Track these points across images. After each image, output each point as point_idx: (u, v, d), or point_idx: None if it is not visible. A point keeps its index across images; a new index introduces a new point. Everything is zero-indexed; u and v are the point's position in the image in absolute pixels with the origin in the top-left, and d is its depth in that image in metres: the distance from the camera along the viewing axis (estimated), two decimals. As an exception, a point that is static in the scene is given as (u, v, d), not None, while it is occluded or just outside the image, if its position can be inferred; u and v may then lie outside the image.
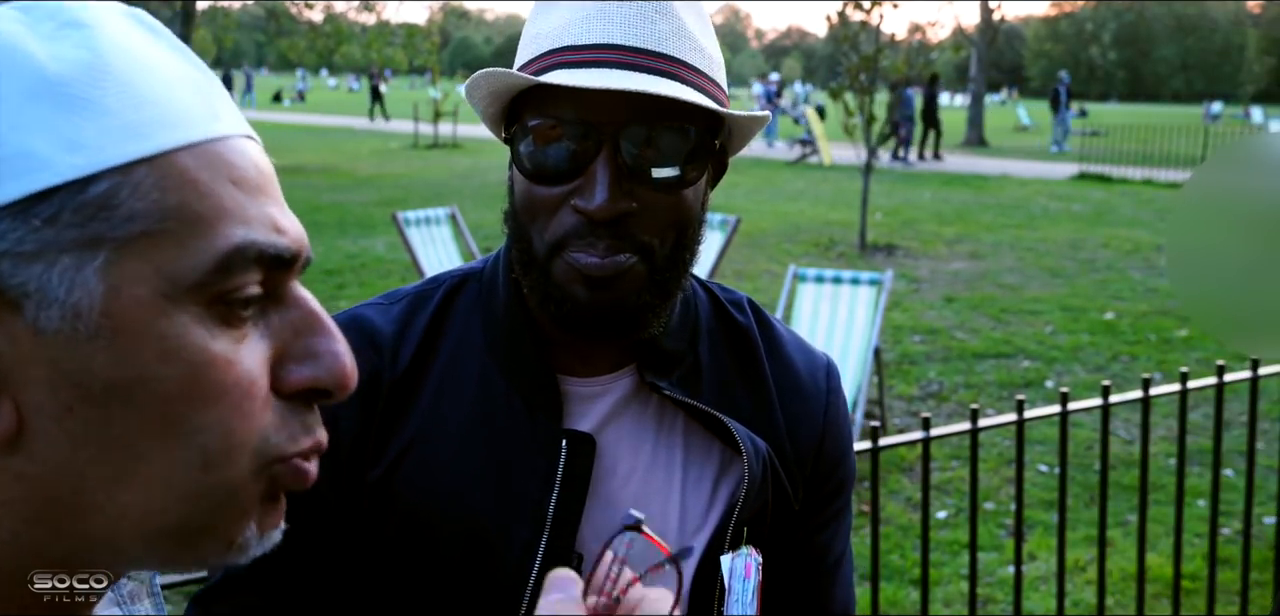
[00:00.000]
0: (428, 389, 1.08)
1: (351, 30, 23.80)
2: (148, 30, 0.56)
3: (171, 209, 0.51)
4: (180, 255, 0.51)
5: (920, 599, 2.79)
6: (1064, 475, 2.92)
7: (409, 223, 8.10)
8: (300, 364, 0.56)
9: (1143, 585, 3.16)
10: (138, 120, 0.51)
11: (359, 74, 61.40)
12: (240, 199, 0.53)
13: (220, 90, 0.57)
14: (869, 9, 11.35)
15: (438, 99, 25.73)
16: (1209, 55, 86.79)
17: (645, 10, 0.98)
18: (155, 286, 0.50)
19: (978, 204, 15.80)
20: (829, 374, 1.19)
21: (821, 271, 6.27)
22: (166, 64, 0.54)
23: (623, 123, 0.96)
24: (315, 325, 0.56)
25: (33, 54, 0.50)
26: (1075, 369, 7.29)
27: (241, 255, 0.52)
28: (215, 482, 0.52)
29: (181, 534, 0.53)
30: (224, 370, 0.52)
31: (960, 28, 26.50)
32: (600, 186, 0.96)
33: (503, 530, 1.05)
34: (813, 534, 1.18)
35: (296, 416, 0.56)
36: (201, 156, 0.52)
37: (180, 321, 0.51)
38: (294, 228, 0.56)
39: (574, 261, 0.98)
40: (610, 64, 0.96)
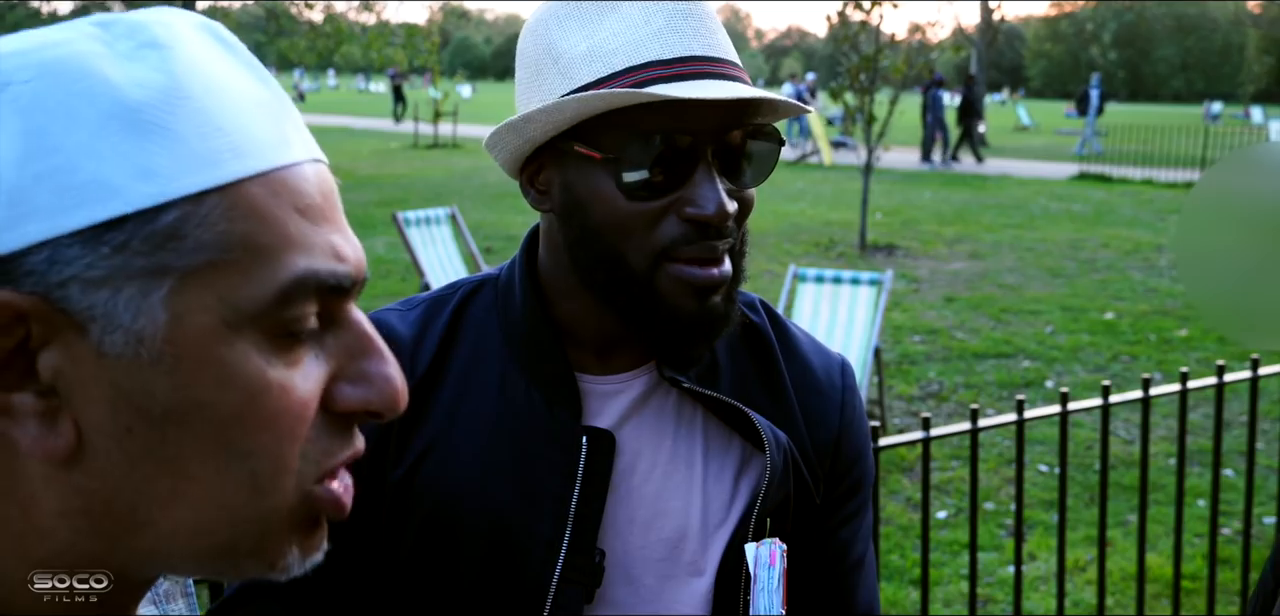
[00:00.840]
0: (447, 390, 1.08)
1: (351, 30, 23.79)
2: (223, 47, 0.56)
3: (238, 239, 0.51)
4: (244, 285, 0.51)
5: (920, 599, 2.79)
6: (1064, 475, 2.92)
7: (409, 223, 8.10)
8: (354, 385, 0.56)
9: (1143, 585, 3.16)
10: (210, 149, 0.51)
11: (367, 74, 61.24)
12: (304, 227, 0.54)
13: (291, 112, 0.57)
14: (869, 9, 11.35)
15: (438, 99, 25.73)
16: (1209, 55, 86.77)
17: (703, 17, 1.01)
18: (218, 314, 0.51)
19: (978, 204, 15.80)
20: (844, 372, 1.21)
21: (821, 271, 6.27)
22: (240, 86, 0.54)
23: (718, 128, 0.98)
24: (369, 348, 0.57)
25: (110, 77, 0.50)
26: (1075, 369, 7.30)
27: (303, 286, 0.53)
28: (264, 506, 0.54)
29: (228, 552, 0.54)
30: (280, 396, 0.53)
31: (960, 28, 26.49)
32: (713, 190, 0.97)
33: (525, 528, 1.06)
34: (833, 532, 1.18)
35: (336, 432, 0.57)
36: (269, 185, 0.53)
37: (240, 349, 0.52)
38: (354, 253, 0.57)
39: (682, 273, 0.99)
40: (702, 74, 0.98)
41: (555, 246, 1.07)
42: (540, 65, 1.02)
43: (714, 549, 1.10)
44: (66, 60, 0.50)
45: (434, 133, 25.41)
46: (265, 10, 24.08)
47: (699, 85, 0.96)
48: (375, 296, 8.90)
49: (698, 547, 1.10)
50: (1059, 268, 10.90)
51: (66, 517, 0.52)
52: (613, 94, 0.94)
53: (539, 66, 1.02)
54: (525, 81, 1.04)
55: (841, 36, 11.55)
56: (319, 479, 0.56)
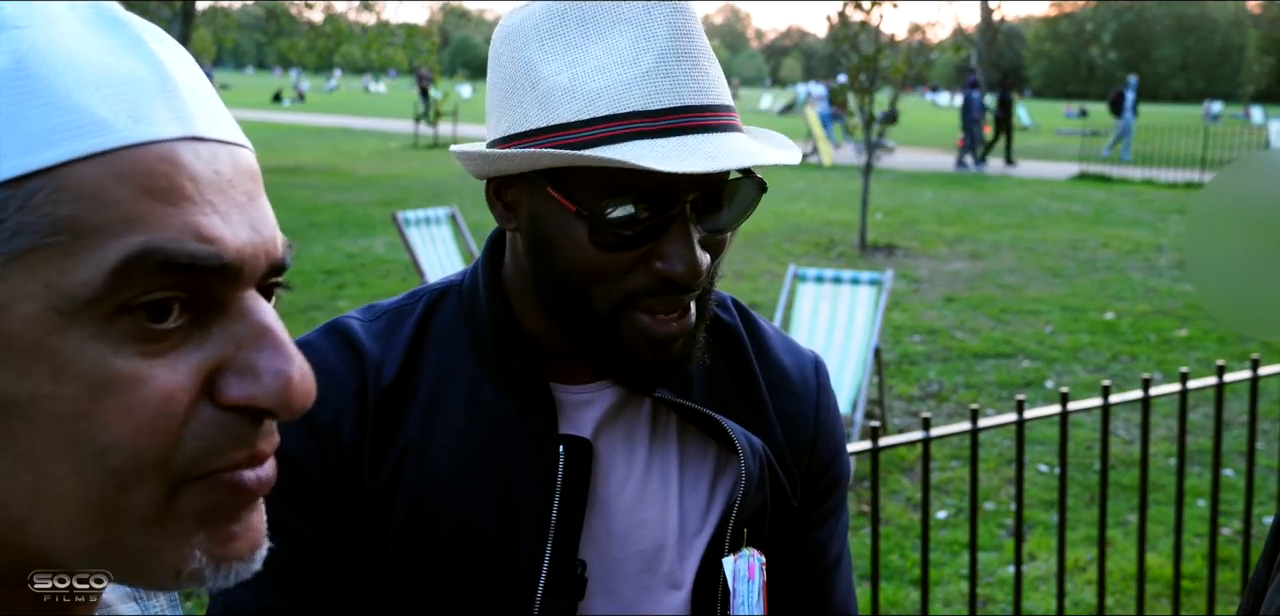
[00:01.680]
0: (418, 402, 1.06)
1: (351, 30, 23.77)
2: (103, 25, 0.53)
3: (63, 221, 0.48)
4: (70, 269, 0.48)
5: (920, 599, 2.79)
6: (1064, 475, 2.92)
7: (409, 223, 8.10)
8: (240, 378, 0.53)
9: (1143, 585, 3.16)
10: (43, 129, 0.48)
11: (375, 75, 61.02)
12: (152, 208, 0.50)
13: (172, 90, 0.53)
14: (869, 9, 11.35)
15: (438, 99, 25.73)
16: (1209, 55, 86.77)
17: (696, 57, 0.96)
18: (45, 301, 0.48)
19: (978, 204, 15.80)
20: (818, 370, 1.19)
21: (821, 271, 6.26)
22: (101, 63, 0.51)
23: (697, 184, 0.95)
24: (262, 340, 0.53)
25: None
26: (1075, 369, 7.29)
27: (139, 264, 0.49)
28: (131, 501, 0.51)
29: (114, 552, 0.52)
30: (128, 388, 0.49)
31: (960, 28, 26.48)
32: (685, 249, 0.95)
33: (506, 540, 1.04)
34: (810, 532, 1.17)
35: (231, 430, 0.53)
36: (111, 165, 0.49)
37: (74, 339, 0.49)
38: (240, 236, 0.53)
39: (643, 324, 0.97)
40: (689, 129, 0.94)
41: (520, 264, 1.05)
42: (516, 83, 0.98)
43: (691, 560, 1.09)
44: None
45: (434, 133, 25.41)
46: (265, 10, 24.07)
47: (684, 146, 0.92)
48: (375, 296, 8.90)
49: (675, 559, 1.09)
50: (1059, 268, 10.90)
51: None
52: (590, 156, 0.91)
53: (515, 83, 0.98)
54: (499, 92, 1.00)
55: (841, 36, 11.55)
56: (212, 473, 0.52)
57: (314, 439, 1.03)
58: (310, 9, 23.54)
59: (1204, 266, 0.99)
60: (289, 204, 13.90)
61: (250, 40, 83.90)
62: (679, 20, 0.96)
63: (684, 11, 0.97)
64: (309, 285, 9.27)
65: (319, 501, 1.03)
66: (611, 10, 0.96)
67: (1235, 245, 0.93)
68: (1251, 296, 0.93)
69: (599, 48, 0.95)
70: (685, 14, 0.97)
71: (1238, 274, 0.93)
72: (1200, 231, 0.97)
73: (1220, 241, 0.94)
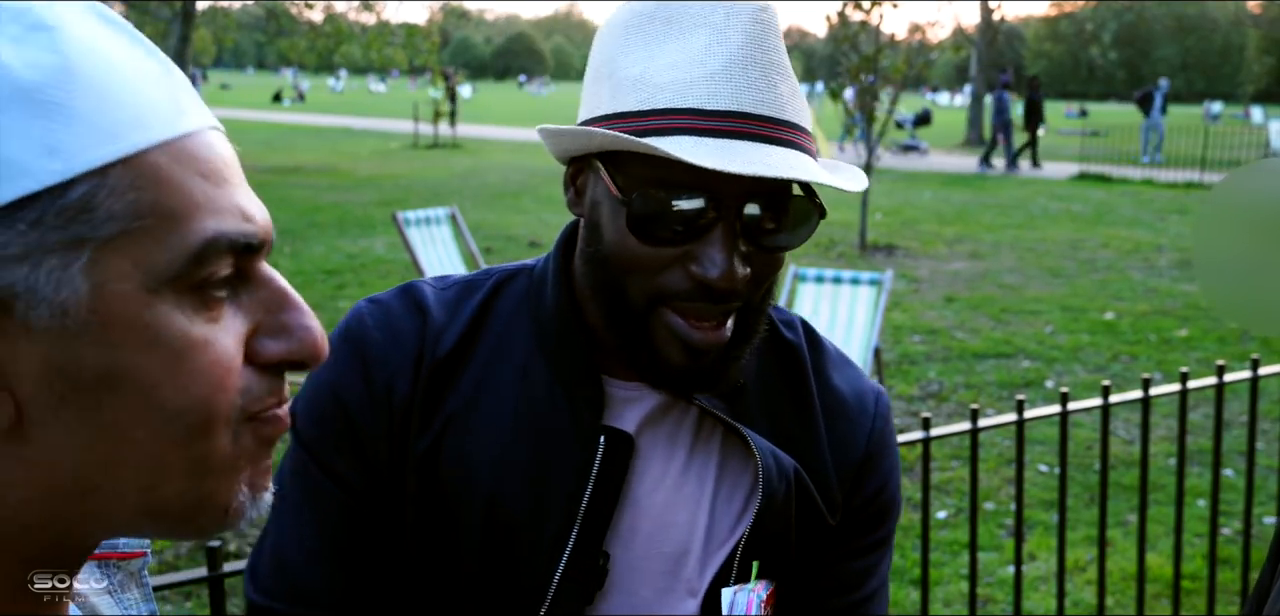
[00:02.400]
0: (470, 373, 1.08)
1: (351, 30, 23.77)
2: (111, 26, 0.57)
3: (147, 206, 0.53)
4: (158, 250, 0.53)
5: (920, 599, 2.79)
6: (1064, 475, 2.92)
7: (409, 223, 8.10)
8: (275, 338, 0.59)
9: (1143, 585, 3.16)
10: (110, 123, 0.52)
11: (378, 75, 60.88)
12: (210, 191, 0.55)
13: (183, 83, 0.58)
14: (869, 9, 11.35)
15: (438, 99, 25.72)
16: (1209, 55, 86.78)
17: (766, 68, 0.96)
18: (137, 281, 0.53)
19: (978, 204, 15.80)
20: (878, 401, 1.18)
21: (821, 271, 6.26)
22: (132, 61, 0.56)
23: (747, 193, 0.95)
24: (286, 302, 0.60)
25: (4, 60, 0.51)
26: (1075, 369, 7.30)
27: (214, 246, 0.55)
28: (199, 454, 0.56)
29: (179, 506, 0.57)
30: (203, 351, 0.55)
31: (960, 28, 26.48)
32: (723, 255, 0.94)
33: (534, 521, 1.05)
34: (847, 560, 1.15)
35: (267, 381, 0.59)
36: (171, 153, 0.54)
37: (161, 311, 0.53)
38: (260, 213, 0.59)
39: (675, 326, 0.98)
40: (742, 135, 0.94)
41: (583, 253, 1.07)
42: (598, 72, 1.02)
43: (711, 570, 1.09)
44: None
45: (434, 133, 25.41)
46: (265, 10, 24.07)
47: (728, 148, 0.93)
48: (375, 296, 8.90)
49: (696, 567, 1.09)
50: (1059, 268, 10.90)
51: (13, 488, 0.53)
52: (632, 141, 0.93)
53: (598, 72, 1.02)
54: (588, 80, 1.04)
55: (841, 36, 11.55)
56: (257, 413, 0.58)
57: (370, 394, 1.05)
58: (310, 9, 23.53)
59: (1210, 266, 0.98)
60: (289, 204, 13.90)
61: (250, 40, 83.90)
62: (756, 30, 0.96)
63: (764, 24, 0.97)
64: (309, 285, 9.26)
65: (369, 454, 1.06)
66: (698, 13, 0.98)
67: (1241, 244, 0.93)
68: (1257, 293, 0.94)
69: (676, 47, 0.97)
70: (765, 26, 0.97)
71: (1243, 272, 0.93)
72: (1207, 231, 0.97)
73: (1227, 241, 0.95)
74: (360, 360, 1.06)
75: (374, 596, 1.07)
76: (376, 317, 1.08)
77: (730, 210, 0.95)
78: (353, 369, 1.06)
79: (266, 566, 1.07)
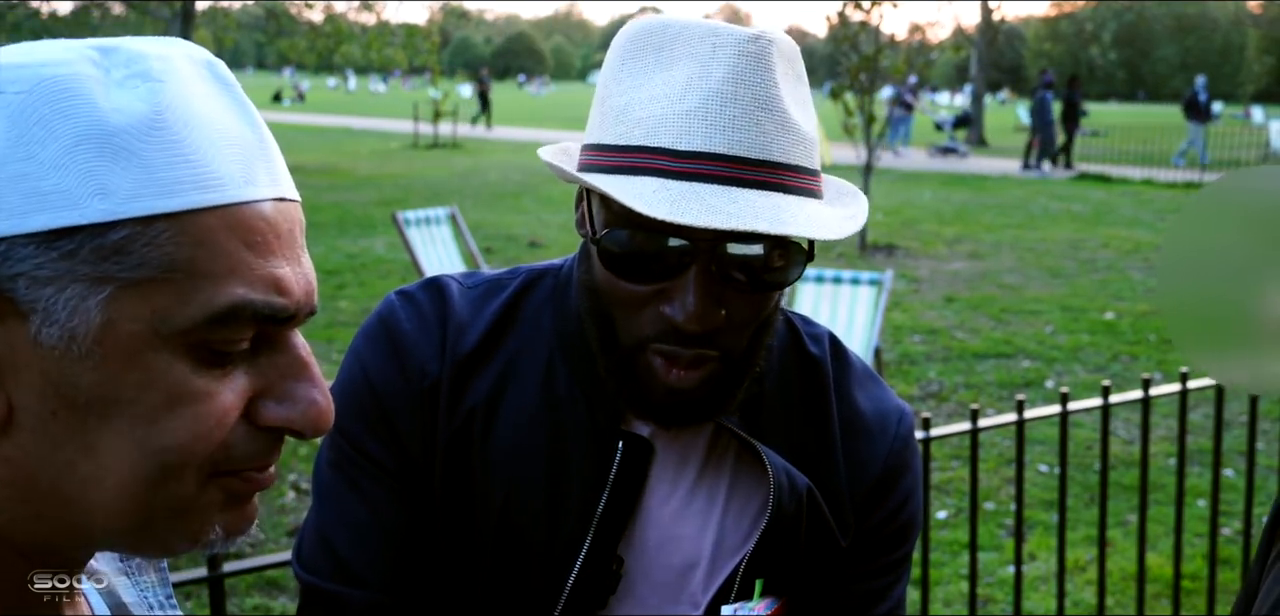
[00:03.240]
0: (493, 369, 1.08)
1: (351, 30, 23.75)
2: (218, 85, 0.59)
3: (181, 262, 0.56)
4: (177, 304, 0.56)
5: (920, 599, 2.79)
6: (1064, 475, 2.92)
7: (409, 223, 8.10)
8: (280, 404, 0.61)
9: (1143, 585, 3.16)
10: (172, 178, 0.55)
11: (381, 76, 60.78)
12: (249, 260, 0.58)
13: (268, 152, 0.61)
14: (869, 9, 11.35)
15: (438, 99, 25.71)
16: (1209, 55, 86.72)
17: (749, 105, 0.92)
18: (149, 325, 0.55)
19: (978, 204, 15.80)
20: (901, 421, 1.16)
21: (821, 271, 6.27)
22: (221, 124, 0.58)
23: (723, 239, 0.93)
24: (300, 372, 0.61)
25: (95, 100, 0.54)
26: (1075, 369, 7.29)
27: (235, 314, 0.57)
28: (169, 494, 0.58)
29: (146, 532, 0.59)
30: (198, 401, 0.57)
31: (960, 28, 26.47)
32: (693, 297, 0.93)
33: (549, 523, 1.06)
34: (860, 580, 1.14)
35: (260, 441, 0.61)
36: (224, 218, 0.57)
37: (165, 357, 0.56)
38: (300, 286, 0.61)
39: (657, 367, 0.98)
40: (712, 178, 0.91)
41: (578, 278, 1.07)
42: (598, 94, 1.02)
43: (715, 584, 1.08)
44: (61, 80, 0.54)
45: (434, 132, 25.40)
46: (265, 10, 24.05)
47: (692, 194, 0.90)
48: (375, 296, 8.90)
49: (703, 580, 1.08)
50: (1059, 268, 10.90)
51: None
52: (585, 179, 0.95)
53: (597, 95, 1.02)
54: (594, 99, 1.04)
55: (841, 36, 11.55)
56: (239, 470, 0.60)
57: (402, 379, 1.07)
58: (310, 9, 23.52)
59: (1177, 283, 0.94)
60: (289, 204, 13.86)
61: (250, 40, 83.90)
62: (742, 65, 0.93)
63: (753, 56, 0.93)
64: (309, 285, 9.25)
65: (404, 439, 1.07)
66: (687, 42, 0.95)
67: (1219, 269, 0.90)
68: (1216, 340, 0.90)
69: (661, 78, 0.95)
70: (753, 59, 0.93)
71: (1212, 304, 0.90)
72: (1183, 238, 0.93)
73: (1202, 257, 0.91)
74: (393, 348, 1.08)
75: (416, 577, 1.08)
76: (406, 309, 1.10)
77: (705, 252, 0.93)
78: (387, 357, 1.08)
79: (311, 548, 1.08)
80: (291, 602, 3.94)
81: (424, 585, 1.08)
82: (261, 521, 4.62)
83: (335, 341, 7.46)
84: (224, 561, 1.95)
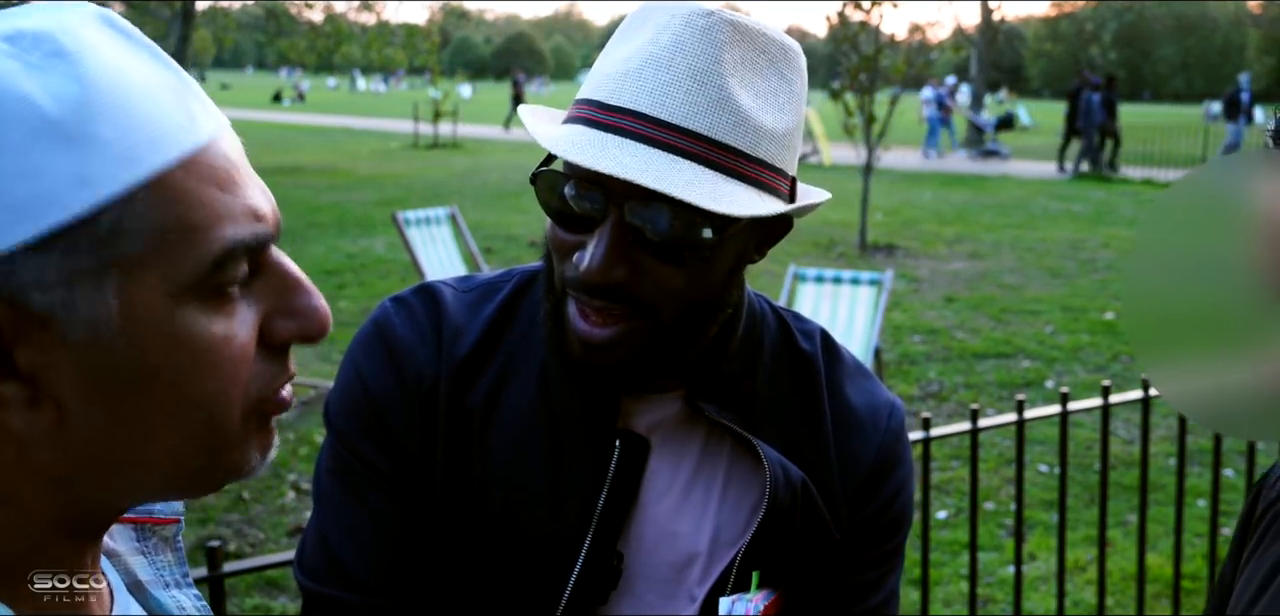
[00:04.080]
0: (490, 372, 1.10)
1: (351, 30, 23.75)
2: (125, 39, 0.60)
3: (170, 223, 0.57)
4: (181, 261, 0.58)
5: (920, 599, 2.79)
6: (1064, 475, 2.92)
7: (409, 223, 8.10)
8: (287, 319, 0.64)
9: (1143, 585, 3.16)
10: (130, 146, 0.56)
11: (384, 77, 60.73)
12: (224, 199, 0.60)
13: (193, 89, 0.62)
14: (869, 9, 11.35)
15: (438, 99, 25.71)
16: (1209, 55, 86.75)
17: (683, 74, 0.94)
18: (162, 291, 0.57)
19: (978, 204, 15.81)
20: (892, 414, 1.17)
21: (821, 271, 6.27)
22: (146, 77, 0.59)
23: (632, 191, 0.93)
24: (294, 286, 0.65)
25: (29, 94, 0.54)
26: (1075, 369, 7.29)
27: (232, 252, 0.59)
28: (218, 434, 0.62)
29: (198, 472, 0.63)
30: (223, 346, 0.60)
31: (960, 28, 26.46)
32: (596, 251, 0.95)
33: (550, 522, 1.07)
34: (854, 571, 1.15)
35: (275, 362, 0.65)
36: (188, 168, 0.58)
37: (184, 315, 0.58)
38: (269, 206, 0.63)
39: (571, 315, 1.00)
40: (628, 134, 0.93)
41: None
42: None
43: (711, 579, 1.09)
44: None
45: (434, 132, 25.40)
46: (265, 10, 24.05)
47: (599, 142, 0.93)
48: (376, 296, 8.90)
49: (701, 573, 1.09)
50: (1059, 268, 10.90)
51: (61, 466, 0.59)
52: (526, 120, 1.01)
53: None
54: None
55: (841, 36, 11.55)
56: (266, 397, 0.64)
57: (399, 385, 1.08)
58: (310, 9, 23.51)
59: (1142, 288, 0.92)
60: (289, 204, 13.89)
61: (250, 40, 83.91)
62: (688, 36, 0.95)
63: (701, 30, 0.95)
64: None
65: (401, 443, 1.08)
66: (659, 15, 0.98)
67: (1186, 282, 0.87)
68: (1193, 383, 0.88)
69: (628, 47, 0.99)
70: (701, 33, 0.95)
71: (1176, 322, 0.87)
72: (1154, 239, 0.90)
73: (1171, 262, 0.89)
74: (388, 354, 1.08)
75: (416, 581, 1.08)
76: (400, 314, 1.11)
77: (615, 208, 0.95)
78: (382, 362, 1.08)
79: (313, 554, 1.09)
80: (291, 602, 3.94)
81: (424, 589, 1.08)
82: (261, 521, 4.63)
83: (335, 341, 7.46)
84: (224, 561, 1.95)
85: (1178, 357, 0.86)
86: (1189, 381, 0.86)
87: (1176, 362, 0.87)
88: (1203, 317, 0.84)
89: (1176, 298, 0.86)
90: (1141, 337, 0.88)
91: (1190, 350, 0.85)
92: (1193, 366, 0.85)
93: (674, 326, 1.00)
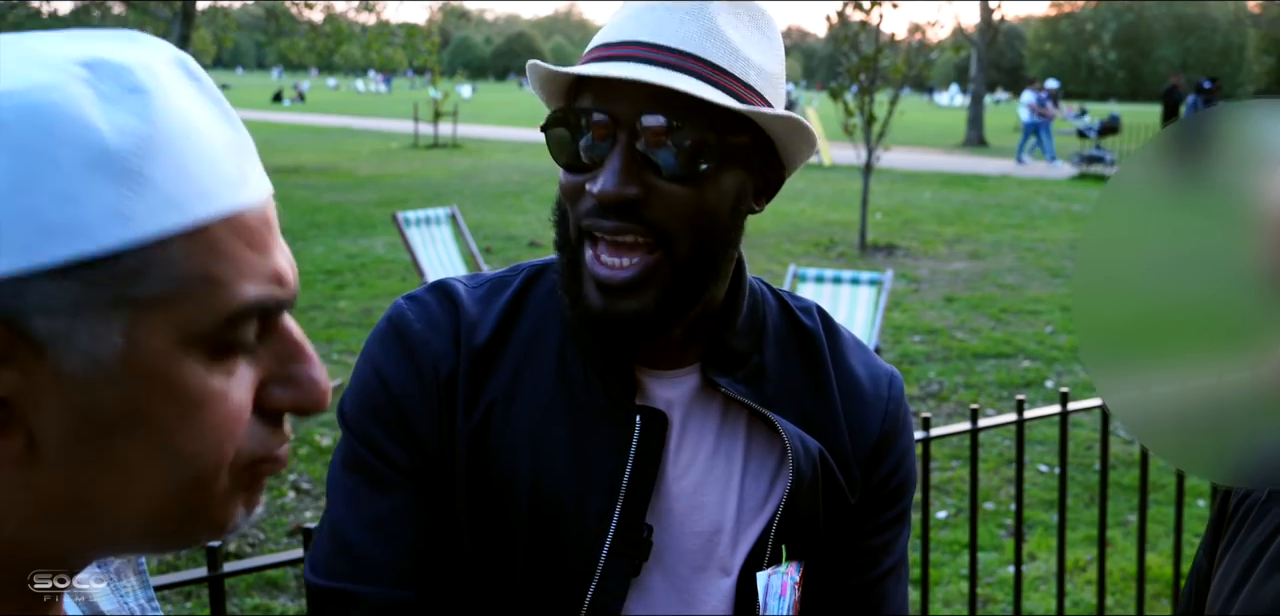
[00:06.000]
0: (507, 362, 1.12)
1: (351, 30, 23.74)
2: (196, 87, 0.59)
3: (196, 274, 0.56)
4: (196, 312, 0.56)
5: (920, 599, 2.79)
6: (1064, 475, 2.92)
7: (409, 223, 8.10)
8: (284, 387, 0.63)
9: (1143, 585, 3.16)
10: (178, 194, 0.55)
11: (387, 76, 60.74)
12: (253, 259, 0.59)
13: (249, 149, 0.61)
14: (869, 9, 11.34)
15: (438, 99, 25.71)
16: (1209, 55, 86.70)
17: (679, 12, 1.02)
18: (170, 338, 0.56)
19: (978, 204, 15.81)
20: (892, 383, 1.23)
21: (821, 271, 6.27)
22: (210, 130, 0.58)
23: (639, 113, 0.99)
24: (298, 354, 0.63)
25: (94, 123, 0.53)
26: (1075, 369, 7.29)
27: (248, 312, 0.58)
28: (201, 491, 0.60)
29: (176, 528, 0.61)
30: (219, 402, 0.58)
31: (960, 28, 26.46)
32: (610, 170, 1.00)
33: (579, 500, 1.09)
34: (867, 538, 1.20)
35: (269, 427, 0.63)
36: (228, 224, 0.58)
37: (187, 365, 0.57)
38: (292, 273, 0.63)
39: (588, 260, 1.03)
40: (633, 58, 1.00)
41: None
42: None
43: (743, 548, 1.13)
44: (56, 106, 0.53)
45: (434, 132, 25.40)
46: (265, 10, 24.05)
47: (610, 66, 1.00)
48: (376, 296, 8.90)
49: (729, 545, 1.13)
50: (1059, 268, 10.90)
51: (19, 508, 0.56)
52: (535, 66, 1.06)
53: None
54: None
55: (841, 36, 11.54)
56: (260, 458, 0.63)
57: (416, 377, 1.09)
58: (310, 9, 23.51)
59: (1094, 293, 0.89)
60: (289, 204, 13.88)
61: (250, 40, 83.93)
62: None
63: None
64: (309, 285, 9.25)
65: (420, 437, 1.09)
66: None
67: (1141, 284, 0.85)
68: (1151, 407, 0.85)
69: (625, 8, 1.06)
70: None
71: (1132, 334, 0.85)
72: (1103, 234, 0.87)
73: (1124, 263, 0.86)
74: (405, 348, 1.10)
75: (435, 572, 1.09)
76: (415, 310, 1.13)
77: (625, 132, 1.00)
78: (399, 357, 1.10)
79: (325, 550, 1.10)
80: (291, 602, 3.94)
81: (447, 580, 1.10)
82: (261, 521, 4.62)
83: (335, 341, 7.46)
84: (224, 561, 1.94)
85: (1139, 364, 0.84)
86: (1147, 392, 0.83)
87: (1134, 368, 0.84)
88: (1187, 315, 0.82)
89: (1145, 295, 0.84)
90: (1093, 339, 0.86)
91: (1156, 355, 0.83)
92: (1155, 373, 0.82)
93: (686, 262, 1.04)
